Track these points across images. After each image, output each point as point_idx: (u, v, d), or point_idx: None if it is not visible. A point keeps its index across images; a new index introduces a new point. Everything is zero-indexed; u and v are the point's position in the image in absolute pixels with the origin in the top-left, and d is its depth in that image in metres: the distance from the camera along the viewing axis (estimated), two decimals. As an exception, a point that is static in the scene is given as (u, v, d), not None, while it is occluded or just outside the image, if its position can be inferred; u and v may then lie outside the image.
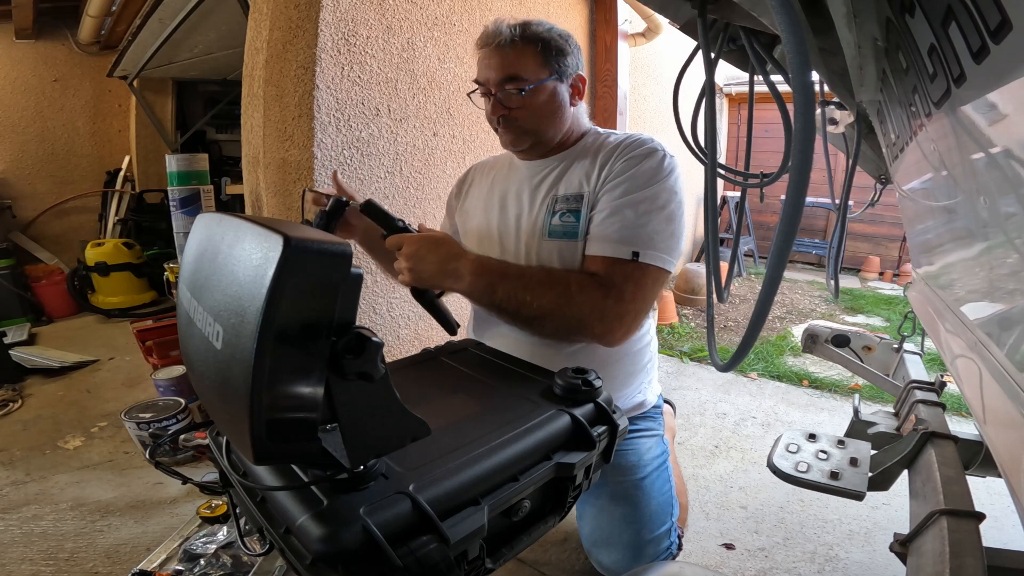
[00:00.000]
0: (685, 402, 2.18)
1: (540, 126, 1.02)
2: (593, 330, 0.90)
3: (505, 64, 0.97)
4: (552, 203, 1.02)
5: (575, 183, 1.01)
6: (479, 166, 1.24)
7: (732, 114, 5.84)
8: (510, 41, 0.97)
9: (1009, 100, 0.35)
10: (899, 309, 3.63)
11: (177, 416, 1.67)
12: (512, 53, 0.97)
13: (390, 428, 0.46)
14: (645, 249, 0.89)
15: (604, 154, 1.00)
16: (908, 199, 0.93)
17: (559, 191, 1.02)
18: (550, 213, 1.01)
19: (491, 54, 0.98)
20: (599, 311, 0.88)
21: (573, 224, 0.97)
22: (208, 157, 2.50)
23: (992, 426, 0.56)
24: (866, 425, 1.20)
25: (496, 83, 0.98)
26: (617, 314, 0.89)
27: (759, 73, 0.69)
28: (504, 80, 0.97)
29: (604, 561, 1.00)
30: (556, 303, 0.88)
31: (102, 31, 3.52)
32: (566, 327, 0.91)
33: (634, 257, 0.89)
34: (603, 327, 0.89)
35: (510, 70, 0.97)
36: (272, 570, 1.04)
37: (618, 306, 0.89)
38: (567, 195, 1.01)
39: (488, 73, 0.99)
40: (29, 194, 3.73)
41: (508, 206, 1.09)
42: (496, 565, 0.54)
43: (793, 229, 0.33)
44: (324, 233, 0.39)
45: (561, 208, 1.00)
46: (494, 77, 0.98)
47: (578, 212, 0.98)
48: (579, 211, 0.98)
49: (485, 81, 1.00)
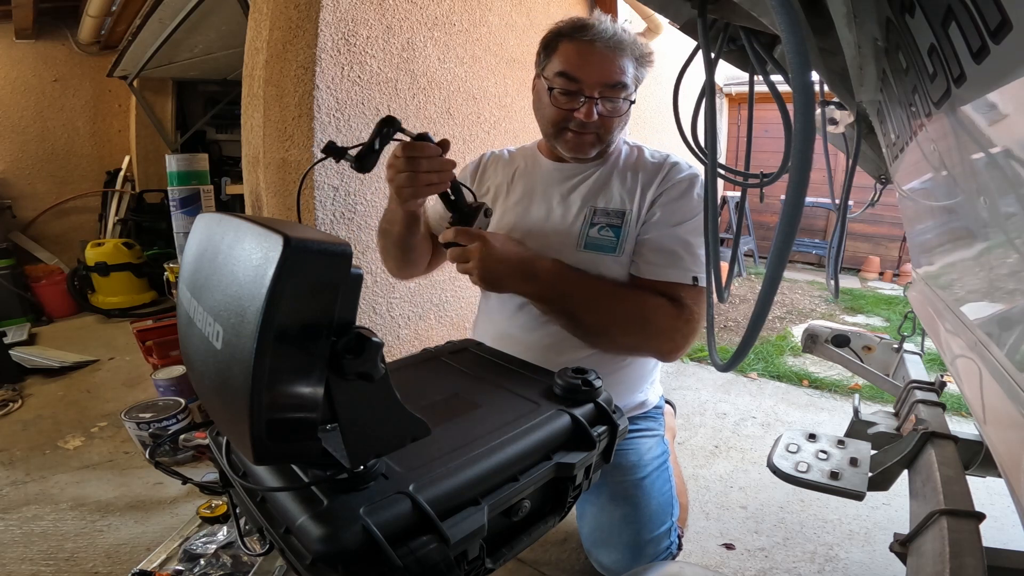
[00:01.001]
0: (685, 402, 2.18)
1: (612, 137, 1.00)
2: (661, 348, 0.96)
3: (614, 69, 0.92)
4: (590, 214, 1.01)
5: (616, 198, 1.01)
6: (495, 157, 1.19)
7: (732, 114, 5.84)
8: (615, 45, 0.92)
9: (1009, 100, 0.35)
10: (899, 309, 3.63)
11: (177, 416, 1.67)
12: (618, 58, 0.92)
13: (390, 428, 0.46)
14: (699, 273, 0.95)
15: (645, 174, 1.02)
16: (908, 199, 0.93)
17: (598, 203, 1.02)
18: (587, 224, 1.01)
19: (594, 52, 0.91)
20: (670, 331, 0.94)
21: (612, 239, 0.99)
22: (208, 157, 2.50)
23: (992, 426, 0.56)
24: (866, 425, 1.20)
25: (600, 86, 0.92)
26: (684, 334, 0.95)
27: (759, 73, 0.69)
28: (611, 85, 0.92)
29: (604, 561, 1.00)
30: (630, 320, 0.94)
31: (102, 31, 3.52)
32: (632, 343, 0.98)
33: (694, 282, 0.95)
34: (671, 345, 0.95)
35: (619, 76, 0.92)
36: (272, 570, 1.04)
37: (686, 327, 0.94)
38: (608, 209, 1.01)
39: (592, 72, 0.91)
40: (29, 194, 3.73)
41: (533, 206, 1.07)
42: (496, 565, 0.54)
43: (793, 229, 0.33)
44: (324, 233, 0.39)
45: (601, 222, 1.00)
46: (599, 78, 0.92)
47: (618, 228, 0.99)
48: (619, 227, 0.99)
49: (584, 79, 0.91)
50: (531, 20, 2.08)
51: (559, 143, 1.00)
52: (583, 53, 0.92)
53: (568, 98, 0.94)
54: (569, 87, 0.93)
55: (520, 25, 2.03)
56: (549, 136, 1.02)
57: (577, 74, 0.92)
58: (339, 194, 1.46)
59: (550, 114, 0.97)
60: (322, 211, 1.42)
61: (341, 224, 1.48)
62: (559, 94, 0.94)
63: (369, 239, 1.57)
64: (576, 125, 0.96)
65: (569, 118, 0.95)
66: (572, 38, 0.93)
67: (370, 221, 1.56)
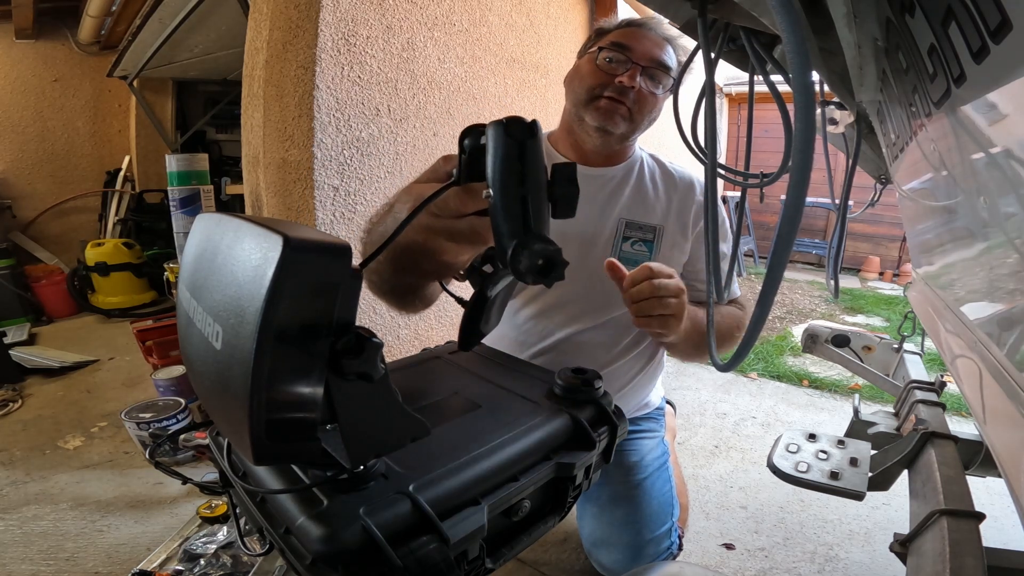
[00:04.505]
0: (685, 402, 2.18)
1: (640, 125, 1.00)
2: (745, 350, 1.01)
3: (664, 51, 0.95)
4: (622, 227, 1.03)
5: (647, 213, 1.04)
6: None
7: (732, 114, 5.84)
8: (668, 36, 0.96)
9: (1009, 100, 0.35)
10: (899, 309, 3.63)
11: (177, 416, 1.67)
12: (669, 46, 0.96)
13: (390, 428, 0.46)
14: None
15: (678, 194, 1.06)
16: (908, 199, 0.93)
17: (627, 215, 1.03)
18: (620, 237, 1.02)
19: (650, 34, 0.95)
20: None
21: (645, 254, 1.02)
22: (208, 157, 2.50)
23: (992, 426, 0.56)
24: (866, 425, 1.20)
25: (648, 58, 0.94)
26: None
27: (759, 73, 0.69)
28: (659, 63, 0.95)
29: (604, 561, 1.00)
30: (732, 337, 1.02)
31: (102, 31, 3.52)
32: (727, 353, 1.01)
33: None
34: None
35: (667, 58, 0.95)
36: (272, 570, 1.04)
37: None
38: (640, 224, 1.03)
39: (645, 45, 0.94)
40: (29, 194, 3.73)
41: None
42: (496, 565, 0.54)
43: (794, 229, 0.33)
44: (324, 233, 0.39)
45: (635, 236, 1.02)
46: (650, 52, 0.94)
47: (651, 243, 1.02)
48: (652, 242, 1.02)
49: (635, 49, 0.94)
50: (531, 20, 2.08)
51: (590, 111, 0.97)
52: (637, 32, 0.96)
53: (614, 65, 0.95)
54: (618, 55, 0.95)
55: (520, 25, 2.03)
56: (581, 104, 0.98)
57: (629, 43, 0.95)
58: (339, 194, 1.46)
59: (590, 79, 0.97)
60: (322, 211, 1.42)
61: (341, 224, 1.48)
62: (606, 60, 0.96)
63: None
64: (614, 90, 0.95)
65: (608, 83, 0.95)
66: (628, 24, 0.98)
67: (370, 221, 1.56)
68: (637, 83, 0.93)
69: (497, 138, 0.40)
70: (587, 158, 1.04)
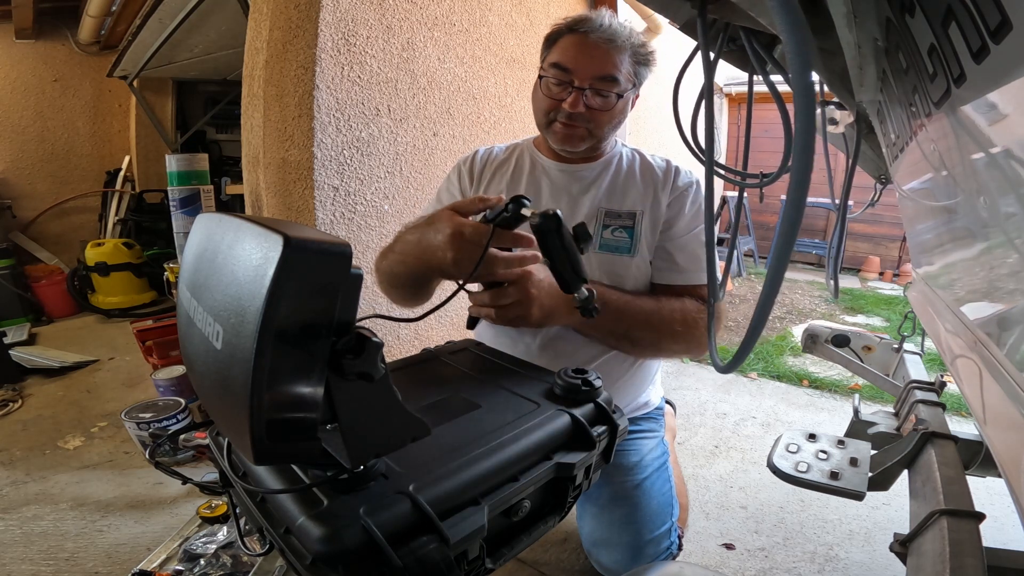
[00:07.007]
0: (685, 402, 2.18)
1: (605, 134, 0.99)
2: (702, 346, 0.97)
3: (607, 62, 0.92)
4: (602, 216, 1.02)
5: (625, 201, 1.03)
6: (488, 158, 1.14)
7: (732, 114, 5.84)
8: (611, 39, 0.92)
9: (1009, 100, 0.36)
10: (899, 309, 3.63)
11: (177, 416, 1.67)
12: (612, 53, 0.92)
13: (390, 428, 0.46)
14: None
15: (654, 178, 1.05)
16: (908, 199, 0.93)
17: (607, 205, 1.03)
18: (600, 226, 1.02)
19: (588, 44, 0.92)
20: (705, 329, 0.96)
21: (625, 240, 1.01)
22: (208, 157, 2.50)
23: (992, 426, 0.56)
24: (866, 425, 1.20)
25: (590, 78, 0.92)
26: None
27: (759, 73, 0.69)
28: (601, 78, 0.92)
29: (604, 561, 1.00)
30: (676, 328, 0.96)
31: (102, 31, 3.52)
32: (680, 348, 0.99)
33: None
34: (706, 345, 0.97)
35: (611, 70, 0.92)
36: (272, 570, 1.04)
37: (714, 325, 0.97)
38: (619, 212, 1.02)
39: (583, 63, 0.91)
40: (29, 194, 3.73)
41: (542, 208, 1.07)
42: (496, 565, 0.54)
43: (794, 229, 0.33)
44: (324, 233, 0.39)
45: (613, 224, 1.02)
46: (590, 71, 0.92)
47: (631, 229, 1.01)
48: (632, 228, 1.01)
49: (575, 70, 0.92)
50: (531, 20, 2.08)
51: (549, 134, 1.01)
52: (578, 45, 0.93)
53: (559, 88, 0.95)
54: (561, 77, 0.94)
55: (520, 25, 2.03)
56: (541, 127, 1.03)
57: (569, 64, 0.93)
58: (339, 194, 1.46)
59: (542, 103, 0.98)
60: (322, 211, 1.42)
61: (341, 224, 1.48)
62: (551, 84, 0.95)
63: (369, 239, 1.57)
64: (563, 116, 0.95)
65: (559, 108, 0.95)
66: (571, 31, 0.94)
67: (370, 221, 1.56)
68: (581, 108, 0.93)
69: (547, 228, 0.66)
70: (565, 158, 1.06)
